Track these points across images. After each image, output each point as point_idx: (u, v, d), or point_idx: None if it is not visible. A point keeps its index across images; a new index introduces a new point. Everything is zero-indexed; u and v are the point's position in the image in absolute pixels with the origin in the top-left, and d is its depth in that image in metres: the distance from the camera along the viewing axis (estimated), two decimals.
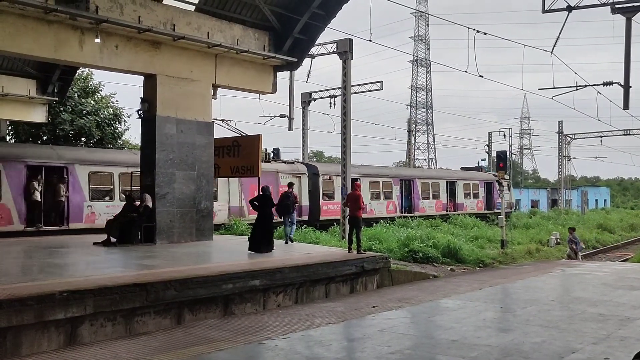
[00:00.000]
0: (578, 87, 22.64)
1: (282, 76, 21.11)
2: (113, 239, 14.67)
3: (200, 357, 6.08)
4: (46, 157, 19.56)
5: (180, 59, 16.05)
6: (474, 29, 19.56)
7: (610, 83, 21.28)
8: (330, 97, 31.48)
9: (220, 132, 18.68)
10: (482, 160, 54.97)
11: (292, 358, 5.98)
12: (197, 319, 9.60)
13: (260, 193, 15.00)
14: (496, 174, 38.35)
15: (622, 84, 19.17)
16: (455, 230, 28.52)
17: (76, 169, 19.81)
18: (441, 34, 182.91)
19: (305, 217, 26.80)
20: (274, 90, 18.88)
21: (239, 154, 17.30)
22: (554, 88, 23.20)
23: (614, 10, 18.49)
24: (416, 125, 77.72)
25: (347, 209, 17.09)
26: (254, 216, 15.51)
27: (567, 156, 52.00)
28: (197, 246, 15.50)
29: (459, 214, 35.53)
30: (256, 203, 14.76)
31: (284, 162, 28.40)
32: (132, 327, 8.95)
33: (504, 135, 51.57)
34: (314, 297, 12.54)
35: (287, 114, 26.87)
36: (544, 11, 19.55)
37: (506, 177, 27.56)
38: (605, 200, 73.02)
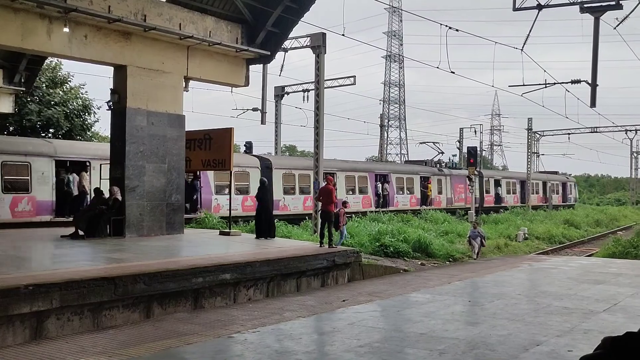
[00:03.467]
0: (547, 85, 23.01)
1: (255, 69, 21.01)
2: (81, 232, 14.45)
3: (169, 351, 6.04)
4: None
5: (152, 50, 15.84)
6: (446, 26, 19.72)
7: (579, 81, 21.69)
8: (304, 91, 31.46)
9: (191, 124, 18.55)
10: (453, 155, 55.56)
11: (261, 352, 5.98)
12: (167, 313, 9.53)
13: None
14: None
15: (590, 82, 19.56)
16: (426, 225, 28.79)
17: None
18: (414, 30, 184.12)
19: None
20: (247, 84, 18.78)
21: (211, 147, 17.18)
22: (523, 85, 23.57)
23: (583, 10, 18.83)
24: (389, 121, 78.17)
25: (320, 204, 17.11)
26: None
27: (536, 152, 52.87)
28: (168, 240, 15.37)
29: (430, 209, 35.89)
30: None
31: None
32: (100, 321, 8.84)
33: (475, 131, 52.22)
34: (285, 291, 12.54)
35: (260, 108, 26.74)
36: (515, 9, 19.82)
37: (476, 172, 27.91)
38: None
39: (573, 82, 22.35)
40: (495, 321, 7.46)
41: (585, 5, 18.76)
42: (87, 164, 21.23)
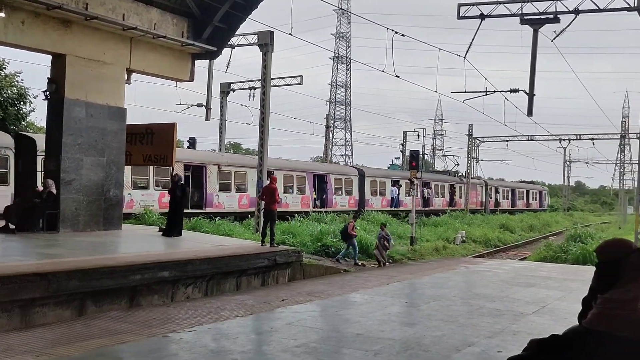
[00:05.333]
0: (487, 93, 23.70)
1: (201, 65, 20.77)
2: (12, 226, 13.90)
3: (101, 350, 5.89)
4: None
5: (93, 40, 15.40)
6: (393, 30, 20.02)
7: (517, 90, 22.42)
8: (250, 88, 31.30)
9: (133, 118, 18.14)
10: (396, 158, 56.42)
11: (197, 351, 5.91)
12: (101, 311, 9.30)
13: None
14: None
15: (527, 92, 20.26)
16: (367, 227, 29.10)
17: None
18: (363, 32, 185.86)
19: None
20: (192, 79, 18.52)
21: (153, 142, 16.85)
22: (465, 92, 24.18)
23: (523, 21, 19.50)
24: (334, 122, 78.64)
25: (262, 202, 17.06)
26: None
27: (475, 158, 54.29)
28: (105, 236, 15.00)
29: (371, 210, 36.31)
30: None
31: None
32: (30, 318, 8.54)
33: (418, 135, 53.11)
34: (225, 289, 12.45)
35: (205, 104, 26.44)
36: (459, 17, 20.34)
37: (418, 175, 28.41)
38: None
39: (512, 91, 23.11)
40: (430, 322, 7.63)
41: (525, 18, 19.43)
42: None
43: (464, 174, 51.21)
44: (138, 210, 23.31)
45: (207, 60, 20.78)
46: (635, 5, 18.16)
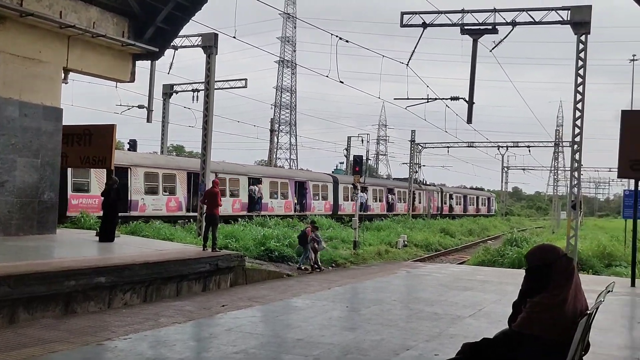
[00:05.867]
0: (429, 100, 24.20)
1: (143, 65, 20.37)
2: None
3: None
4: None
5: (28, 37, 14.87)
6: (337, 36, 20.17)
7: (457, 98, 23.01)
8: (193, 91, 30.93)
9: (70, 119, 17.61)
10: (340, 163, 56.81)
11: (132, 359, 5.77)
12: (34, 319, 8.95)
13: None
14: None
15: (467, 100, 20.79)
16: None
17: None
18: (308, 37, 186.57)
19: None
20: (133, 80, 18.13)
21: (91, 144, 16.41)
22: (407, 99, 24.61)
23: (463, 31, 20.02)
24: (279, 125, 78.52)
25: (205, 207, 16.85)
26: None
27: (418, 163, 55.28)
28: (39, 240, 14.47)
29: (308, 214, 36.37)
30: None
31: None
32: None
33: (362, 140, 53.69)
34: (165, 295, 12.21)
35: (146, 105, 25.91)
36: (402, 25, 20.70)
37: (361, 180, 28.69)
38: None
39: (452, 98, 23.69)
40: (370, 326, 7.69)
41: (465, 28, 19.95)
42: None
43: (423, 181, 55.47)
44: (148, 213, 25.35)
45: (149, 61, 20.37)
46: (568, 19, 18.94)
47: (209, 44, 21.72)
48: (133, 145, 30.14)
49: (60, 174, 22.12)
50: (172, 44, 20.51)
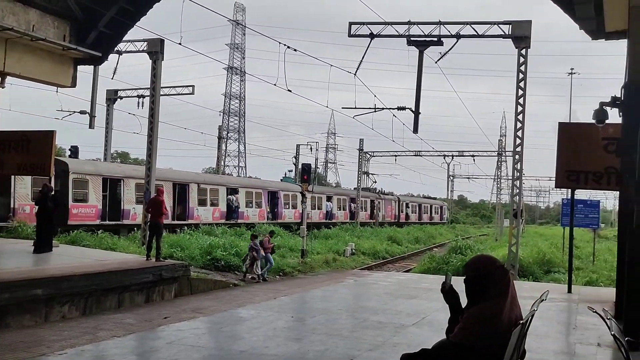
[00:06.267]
0: (376, 110, 24.45)
1: (86, 70, 19.85)
2: None
3: None
4: None
5: None
6: (285, 44, 20.17)
7: (404, 108, 23.30)
8: (139, 96, 30.30)
9: (7, 124, 16.97)
10: (289, 171, 56.72)
11: None
12: None
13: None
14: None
15: (413, 110, 21.10)
16: (231, 240, 28.66)
17: None
18: (257, 44, 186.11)
19: None
20: (74, 85, 17.61)
21: (29, 150, 15.79)
22: (355, 108, 24.79)
23: (409, 43, 20.35)
24: (228, 133, 77.88)
25: (149, 215, 16.52)
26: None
27: (366, 172, 55.76)
28: None
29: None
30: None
31: None
32: None
33: (311, 148, 53.77)
34: (105, 307, 11.87)
35: (89, 111, 25.23)
36: (350, 35, 20.89)
37: (309, 188, 28.68)
38: None
39: (399, 108, 23.98)
40: (315, 336, 7.67)
41: (411, 39, 20.29)
42: None
43: (382, 191, 58.44)
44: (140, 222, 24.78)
45: (92, 66, 19.84)
46: (509, 33, 19.53)
47: (155, 49, 21.36)
48: (75, 151, 29.26)
49: (61, 184, 24.05)
50: (116, 48, 20.07)
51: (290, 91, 21.74)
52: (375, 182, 58.18)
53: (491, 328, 3.47)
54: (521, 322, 3.43)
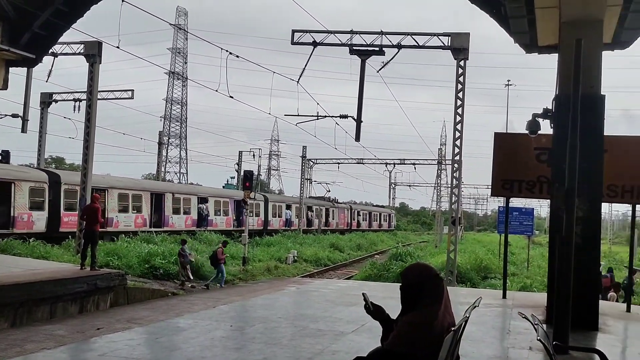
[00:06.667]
0: (319, 117, 24.60)
1: (20, 72, 19.14)
2: None
3: None
4: None
5: None
6: (227, 50, 20.03)
7: (346, 116, 23.55)
8: (75, 100, 29.45)
9: None
10: (231, 178, 56.24)
11: None
12: None
13: None
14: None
15: (355, 118, 21.33)
16: (200, 247, 28.57)
17: None
18: (200, 49, 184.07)
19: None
20: (5, 87, 16.94)
21: None
22: (298, 115, 24.86)
23: (352, 52, 20.60)
24: (169, 138, 76.56)
25: (84, 222, 16.02)
26: None
27: (309, 179, 55.90)
28: None
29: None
30: None
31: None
32: None
33: (254, 155, 53.53)
34: (37, 318, 11.42)
35: (21, 114, 24.32)
36: (293, 43, 20.96)
37: (252, 195, 28.52)
38: None
39: (341, 116, 24.21)
40: (254, 345, 7.59)
41: (354, 48, 20.55)
42: None
43: (336, 200, 61.76)
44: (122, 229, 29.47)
45: (25, 68, 19.14)
46: (449, 45, 20.04)
47: (92, 52, 20.84)
48: (6, 156, 28.10)
49: (53, 194, 26.40)
50: (51, 50, 19.42)
51: (232, 97, 21.60)
52: (329, 191, 61.30)
53: (424, 335, 3.51)
54: (453, 329, 3.49)
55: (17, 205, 24.39)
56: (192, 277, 20.65)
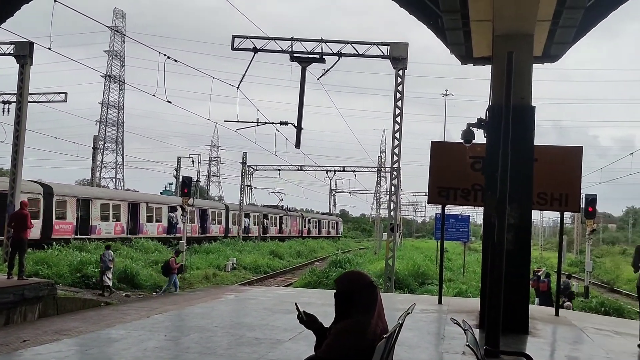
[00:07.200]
0: (259, 124, 24.47)
1: None
2: None
3: None
4: None
5: None
6: (165, 54, 19.69)
7: (286, 123, 23.51)
8: (4, 102, 28.26)
9: None
10: (169, 184, 55.26)
11: None
12: None
13: None
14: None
15: (296, 125, 21.34)
16: (135, 255, 27.89)
17: None
18: (138, 52, 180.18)
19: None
20: None
21: None
22: (238, 122, 24.65)
23: (292, 59, 20.61)
24: (105, 143, 74.54)
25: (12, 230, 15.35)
26: None
27: (249, 185, 55.51)
28: None
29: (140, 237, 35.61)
30: None
31: None
32: None
33: (193, 161, 52.76)
34: None
35: None
36: (233, 49, 20.80)
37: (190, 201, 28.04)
38: None
39: (282, 123, 24.13)
40: (188, 355, 7.43)
41: (294, 55, 20.56)
42: None
43: (288, 208, 65.92)
44: (104, 236, 33.03)
45: None
46: (388, 54, 20.35)
47: (23, 53, 20.07)
48: None
49: (46, 204, 29.02)
50: None
51: (170, 102, 21.21)
52: (282, 200, 64.43)
53: (357, 343, 3.51)
54: (385, 336, 3.49)
55: None
56: (109, 284, 19.97)
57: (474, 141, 11.03)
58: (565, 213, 13.18)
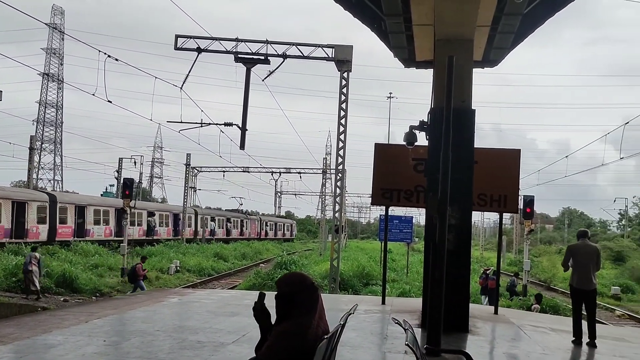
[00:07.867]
0: (203, 125, 24.12)
1: None
2: None
3: None
4: None
5: None
6: (105, 53, 19.20)
7: (231, 124, 23.28)
8: None
9: None
10: (110, 185, 53.93)
11: None
12: None
13: None
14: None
15: (240, 126, 21.19)
16: (74, 258, 27.09)
17: None
18: (78, 51, 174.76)
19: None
20: None
21: None
22: (181, 122, 24.24)
23: (237, 59, 20.48)
24: (42, 144, 72.04)
25: None
26: None
27: (193, 187, 54.75)
28: None
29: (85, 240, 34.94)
30: None
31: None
32: None
33: (135, 162, 51.66)
34: None
35: None
36: (176, 48, 20.49)
37: (132, 203, 27.41)
38: None
39: (226, 124, 23.87)
40: None
41: (239, 56, 20.43)
42: None
43: (248, 212, 69.81)
44: (96, 239, 37.56)
45: None
46: (332, 56, 20.48)
47: None
48: None
49: (52, 211, 33.05)
50: None
51: (110, 102, 20.69)
52: (242, 204, 68.13)
53: (298, 344, 3.51)
54: (325, 337, 3.51)
55: (29, 220, 31.50)
56: (36, 289, 19.22)
57: (416, 143, 11.25)
58: (504, 214, 13.56)
